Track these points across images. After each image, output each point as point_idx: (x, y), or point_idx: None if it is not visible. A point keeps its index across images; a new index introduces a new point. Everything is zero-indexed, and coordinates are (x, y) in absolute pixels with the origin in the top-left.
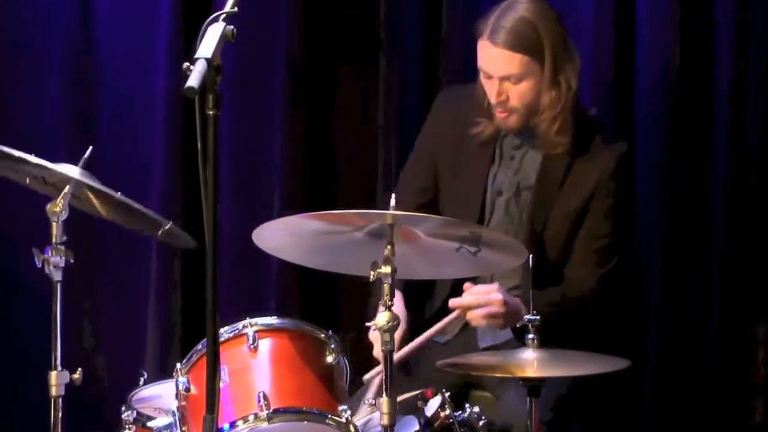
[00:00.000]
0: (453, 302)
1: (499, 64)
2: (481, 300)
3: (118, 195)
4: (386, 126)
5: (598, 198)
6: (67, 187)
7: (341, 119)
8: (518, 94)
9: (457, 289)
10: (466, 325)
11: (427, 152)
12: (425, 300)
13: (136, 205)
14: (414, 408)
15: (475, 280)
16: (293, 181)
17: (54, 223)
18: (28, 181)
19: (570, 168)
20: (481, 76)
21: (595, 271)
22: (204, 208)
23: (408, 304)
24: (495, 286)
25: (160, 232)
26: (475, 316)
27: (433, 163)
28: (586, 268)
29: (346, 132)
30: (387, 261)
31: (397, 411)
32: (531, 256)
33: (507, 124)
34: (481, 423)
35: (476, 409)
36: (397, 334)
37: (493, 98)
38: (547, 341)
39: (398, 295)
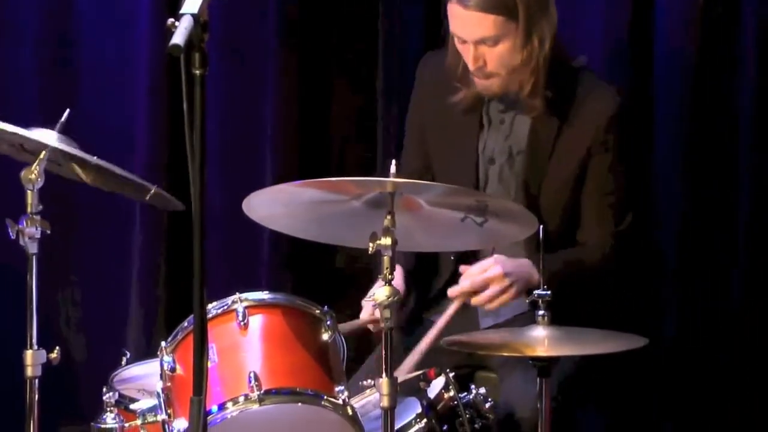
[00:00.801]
0: (452, 291)
1: (472, 28)
2: (478, 281)
3: (95, 159)
4: (386, 91)
5: (597, 153)
6: (43, 153)
7: (338, 85)
8: (496, 56)
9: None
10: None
11: (416, 127)
12: (429, 279)
13: (118, 170)
14: (416, 389)
15: (477, 254)
16: (286, 151)
17: (29, 192)
18: (5, 148)
19: (561, 127)
20: (456, 42)
21: (611, 229)
22: (191, 175)
23: (410, 283)
24: (491, 260)
25: (147, 197)
26: (482, 301)
27: (423, 137)
28: (600, 228)
29: (343, 99)
30: (387, 232)
31: (398, 392)
32: (542, 226)
33: (490, 90)
34: (487, 405)
35: (482, 390)
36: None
37: (470, 64)
38: (561, 313)
39: (398, 269)
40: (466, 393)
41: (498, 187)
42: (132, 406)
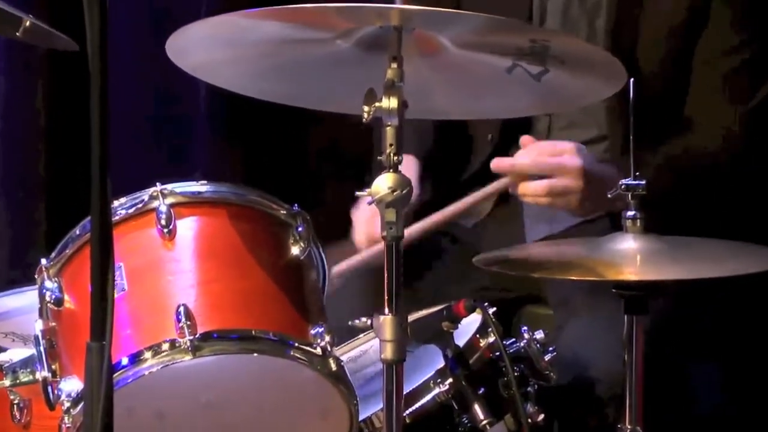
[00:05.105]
0: (499, 163)
1: None
2: (547, 164)
3: None
4: None
5: None
6: None
7: None
8: None
9: (505, 148)
10: (502, 203)
11: None
12: (455, 169)
13: None
14: (437, 334)
15: (529, 128)
16: None
17: None
18: None
19: None
20: None
21: (732, 107)
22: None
23: (426, 179)
24: (572, 144)
25: (19, 31)
26: (533, 191)
27: None
28: (716, 105)
29: None
30: (391, 89)
31: (410, 338)
32: (633, 81)
33: None
34: (547, 357)
35: (539, 334)
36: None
37: None
38: (658, 225)
39: (410, 160)
40: (513, 339)
41: (561, 29)
42: None
